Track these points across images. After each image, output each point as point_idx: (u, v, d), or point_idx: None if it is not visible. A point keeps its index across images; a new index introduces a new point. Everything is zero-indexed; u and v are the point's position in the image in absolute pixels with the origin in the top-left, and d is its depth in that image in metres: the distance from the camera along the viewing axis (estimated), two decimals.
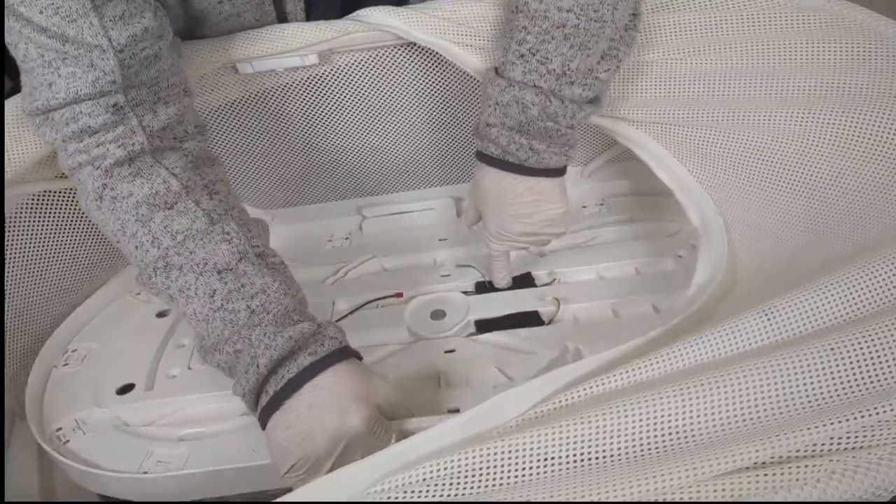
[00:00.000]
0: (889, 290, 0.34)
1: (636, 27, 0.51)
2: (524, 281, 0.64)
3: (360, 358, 0.46)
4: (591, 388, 0.34)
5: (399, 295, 0.64)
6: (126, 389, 0.54)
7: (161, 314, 0.65)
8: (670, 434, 0.30)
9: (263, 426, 0.43)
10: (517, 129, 0.52)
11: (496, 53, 0.55)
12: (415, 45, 0.59)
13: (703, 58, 0.52)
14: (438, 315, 0.61)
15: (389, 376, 0.54)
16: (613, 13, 0.48)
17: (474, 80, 0.64)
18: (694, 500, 0.27)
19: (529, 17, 0.49)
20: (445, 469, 0.31)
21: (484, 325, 0.59)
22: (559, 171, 0.55)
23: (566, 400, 0.34)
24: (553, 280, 0.64)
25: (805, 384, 0.31)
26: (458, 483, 0.31)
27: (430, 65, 0.63)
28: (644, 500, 0.27)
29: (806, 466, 0.27)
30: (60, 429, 0.52)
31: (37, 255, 0.59)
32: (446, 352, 0.56)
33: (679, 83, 0.53)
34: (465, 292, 0.64)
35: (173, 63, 0.49)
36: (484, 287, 0.64)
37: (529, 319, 0.59)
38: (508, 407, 0.35)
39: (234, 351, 0.44)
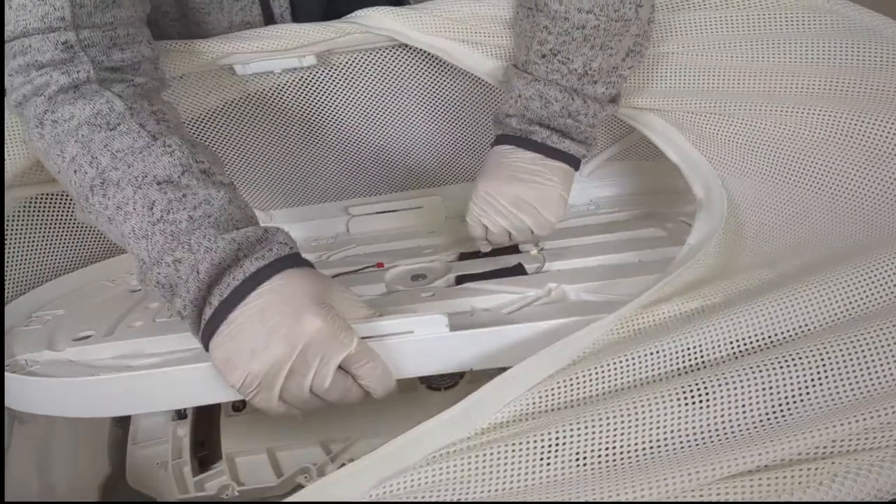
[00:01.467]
0: (888, 290, 0.34)
1: (653, 18, 0.51)
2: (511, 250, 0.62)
3: (312, 266, 0.43)
4: (588, 375, 0.34)
5: (380, 265, 0.62)
6: (83, 339, 0.51)
7: (135, 290, 0.62)
8: (673, 437, 0.30)
9: (206, 345, 0.39)
10: (537, 121, 0.53)
11: (517, 51, 0.55)
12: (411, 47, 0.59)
13: (717, 53, 0.53)
14: (419, 278, 0.59)
15: None
16: (637, 11, 0.48)
17: (473, 81, 0.64)
18: (698, 502, 0.27)
19: (550, 18, 0.49)
20: (447, 473, 0.31)
21: (465, 279, 0.57)
22: (573, 160, 0.55)
23: (561, 389, 0.34)
24: (541, 250, 0.62)
25: (805, 388, 0.31)
26: (460, 488, 0.31)
27: (428, 66, 0.63)
28: (649, 501, 0.27)
29: (808, 469, 0.27)
30: (8, 366, 0.48)
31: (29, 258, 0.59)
32: (424, 295, 0.53)
33: (693, 75, 0.53)
34: (448, 262, 0.62)
35: (133, 15, 0.47)
36: (467, 256, 0.63)
37: (513, 272, 0.57)
38: (505, 391, 0.34)
39: (173, 261, 0.39)
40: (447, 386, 0.57)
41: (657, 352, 0.34)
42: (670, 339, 0.35)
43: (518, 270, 0.56)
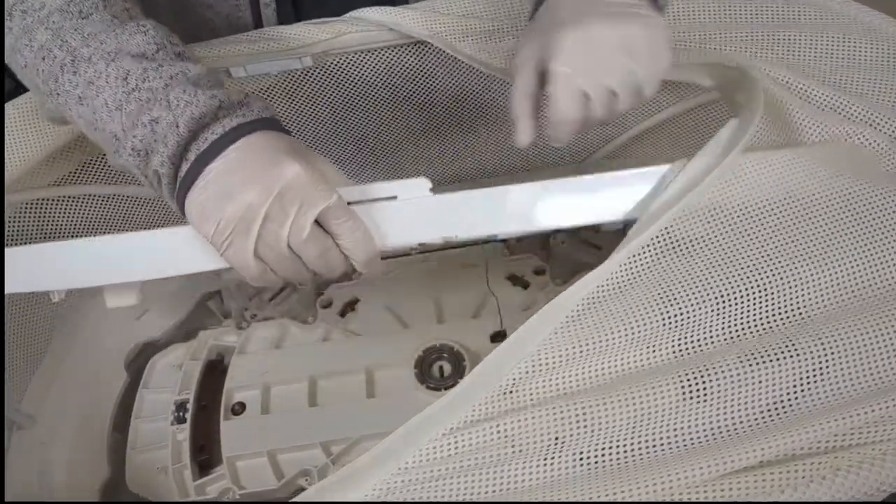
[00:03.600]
0: (886, 280, 0.34)
1: None
2: None
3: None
4: (592, 353, 0.33)
5: None
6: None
7: None
8: (674, 434, 0.30)
9: (182, 206, 0.37)
10: None
11: None
12: (410, 46, 0.59)
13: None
14: None
15: None
16: None
17: (471, 78, 0.64)
18: (702, 499, 0.27)
19: None
20: (449, 470, 0.31)
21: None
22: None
23: (558, 357, 0.33)
24: None
25: (806, 382, 0.31)
26: (462, 486, 0.31)
27: (426, 65, 0.63)
28: (652, 500, 0.27)
29: (811, 464, 0.27)
30: None
31: None
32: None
33: None
34: None
35: None
36: None
37: None
38: (506, 364, 0.34)
39: (150, 121, 0.38)
40: (448, 386, 0.57)
41: (650, 336, 0.34)
42: (662, 320, 0.34)
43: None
